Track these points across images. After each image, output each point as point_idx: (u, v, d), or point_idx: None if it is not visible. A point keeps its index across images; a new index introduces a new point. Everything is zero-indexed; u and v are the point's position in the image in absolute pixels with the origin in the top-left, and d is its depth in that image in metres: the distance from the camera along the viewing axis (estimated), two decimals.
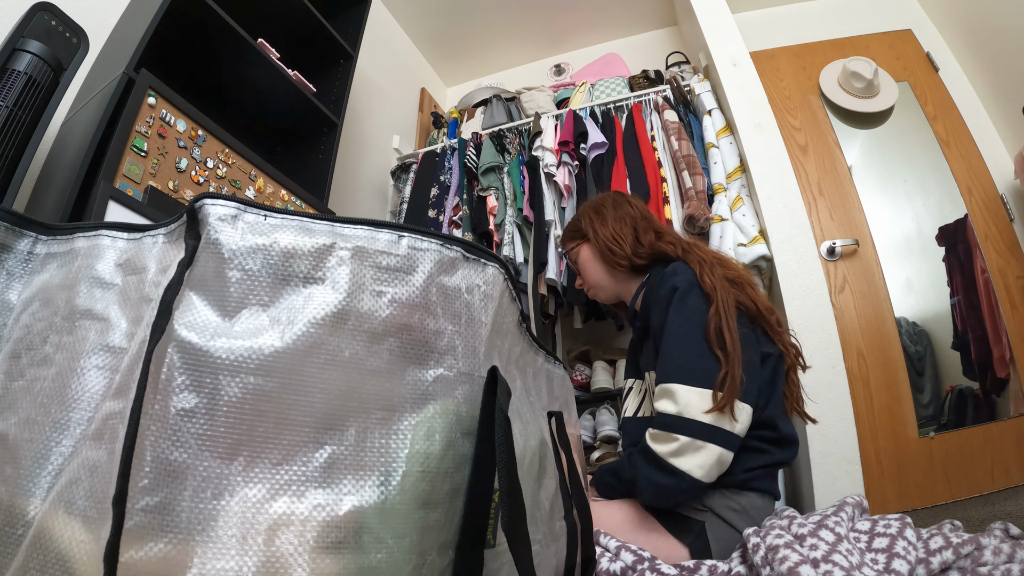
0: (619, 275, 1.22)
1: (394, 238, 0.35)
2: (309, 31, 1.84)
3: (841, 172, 2.21)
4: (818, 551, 0.68)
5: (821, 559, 0.66)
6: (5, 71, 0.97)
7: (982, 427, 1.84)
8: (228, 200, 0.34)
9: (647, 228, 1.21)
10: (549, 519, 0.49)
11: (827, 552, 0.67)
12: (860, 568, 0.65)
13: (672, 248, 1.14)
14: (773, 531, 0.73)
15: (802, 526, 0.75)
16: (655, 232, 1.21)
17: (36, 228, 0.45)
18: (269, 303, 0.33)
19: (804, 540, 0.71)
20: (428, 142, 2.70)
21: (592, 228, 1.24)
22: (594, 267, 1.25)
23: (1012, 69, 2.03)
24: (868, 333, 1.97)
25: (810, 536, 0.71)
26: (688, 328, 0.98)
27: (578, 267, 1.30)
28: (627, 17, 2.88)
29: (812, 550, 0.68)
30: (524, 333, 0.49)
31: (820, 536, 0.71)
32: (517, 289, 0.44)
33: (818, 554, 0.67)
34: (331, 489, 0.32)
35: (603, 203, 1.29)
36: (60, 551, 0.34)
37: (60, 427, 0.37)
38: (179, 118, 1.24)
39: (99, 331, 0.39)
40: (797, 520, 0.77)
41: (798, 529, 0.74)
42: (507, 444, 0.33)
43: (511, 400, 0.41)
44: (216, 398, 0.31)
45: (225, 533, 0.30)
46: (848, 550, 0.68)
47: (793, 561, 0.65)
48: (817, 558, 0.66)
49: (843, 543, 0.70)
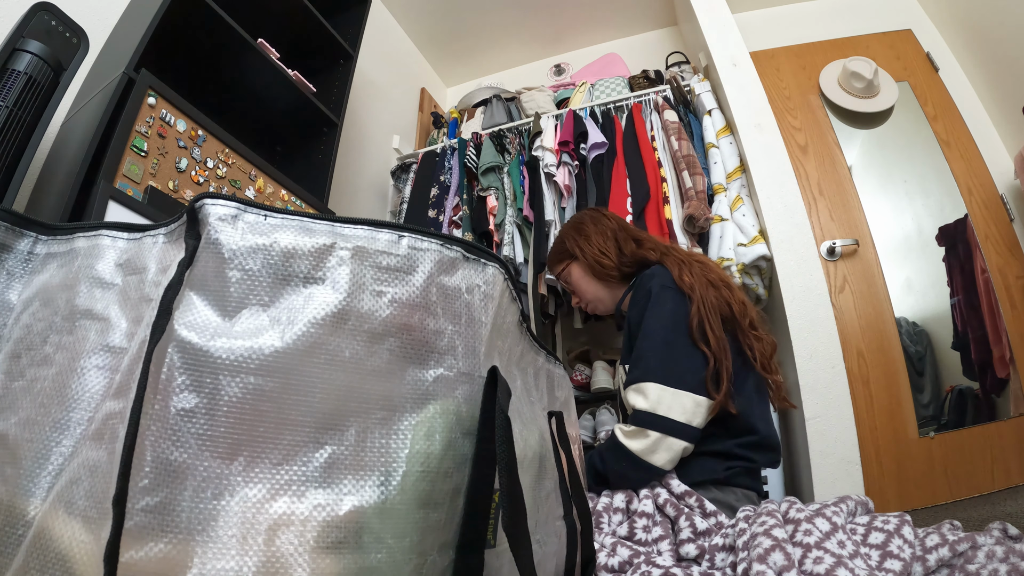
0: (612, 285, 1.28)
1: (394, 238, 0.35)
2: (309, 31, 1.84)
3: (841, 172, 2.21)
4: (812, 536, 0.68)
5: (814, 544, 0.66)
6: (5, 71, 0.97)
7: (982, 427, 1.84)
8: (228, 200, 0.34)
9: (627, 238, 1.27)
10: (549, 519, 0.49)
11: (820, 539, 0.67)
12: (853, 559, 0.65)
13: (652, 253, 1.21)
14: (762, 516, 0.73)
15: (800, 511, 0.75)
16: (635, 240, 1.27)
17: (36, 228, 0.45)
18: (269, 303, 0.33)
19: (799, 525, 0.71)
20: (428, 142, 2.70)
21: (578, 246, 1.30)
22: (588, 283, 1.30)
23: (1012, 69, 2.03)
24: (868, 333, 1.97)
25: (805, 522, 0.71)
26: (662, 328, 1.03)
27: (572, 286, 1.35)
28: (627, 17, 2.88)
29: (806, 535, 0.68)
30: (524, 333, 0.49)
31: (815, 524, 0.71)
32: (517, 289, 0.44)
33: (812, 540, 0.67)
34: (331, 489, 0.32)
35: (582, 221, 1.35)
36: (60, 551, 0.34)
37: (60, 427, 0.37)
38: (179, 118, 1.24)
39: (99, 331, 0.39)
40: (796, 506, 0.77)
41: (795, 514, 0.74)
42: (507, 444, 0.33)
43: (511, 400, 0.41)
44: (216, 398, 0.31)
45: (225, 533, 0.30)
46: (841, 541, 0.68)
47: (765, 547, 0.65)
48: (810, 543, 0.66)
49: (838, 532, 0.70)
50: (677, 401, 0.96)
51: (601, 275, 1.26)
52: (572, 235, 1.33)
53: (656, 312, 1.05)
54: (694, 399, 0.97)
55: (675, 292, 1.07)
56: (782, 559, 0.64)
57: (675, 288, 1.07)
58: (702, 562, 0.77)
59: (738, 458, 1.02)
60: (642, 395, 0.99)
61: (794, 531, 0.70)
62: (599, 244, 1.27)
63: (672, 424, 0.95)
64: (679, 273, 1.09)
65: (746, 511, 0.79)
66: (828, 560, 0.63)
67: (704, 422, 0.98)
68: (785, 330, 1.68)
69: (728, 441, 1.02)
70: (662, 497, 0.92)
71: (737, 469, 1.02)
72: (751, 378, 1.08)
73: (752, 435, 1.03)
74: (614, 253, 1.25)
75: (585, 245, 1.28)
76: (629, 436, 0.98)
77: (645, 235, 1.31)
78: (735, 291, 1.12)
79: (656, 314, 1.05)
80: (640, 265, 1.23)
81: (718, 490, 1.00)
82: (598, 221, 1.32)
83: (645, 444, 0.95)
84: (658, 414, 0.96)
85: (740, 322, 1.08)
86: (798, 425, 1.62)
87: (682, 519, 0.85)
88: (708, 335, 1.00)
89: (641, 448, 0.96)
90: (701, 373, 0.99)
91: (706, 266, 1.16)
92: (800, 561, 0.65)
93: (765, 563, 0.64)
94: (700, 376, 0.98)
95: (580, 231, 1.32)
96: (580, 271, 1.31)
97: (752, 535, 0.71)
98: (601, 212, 1.37)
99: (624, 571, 0.77)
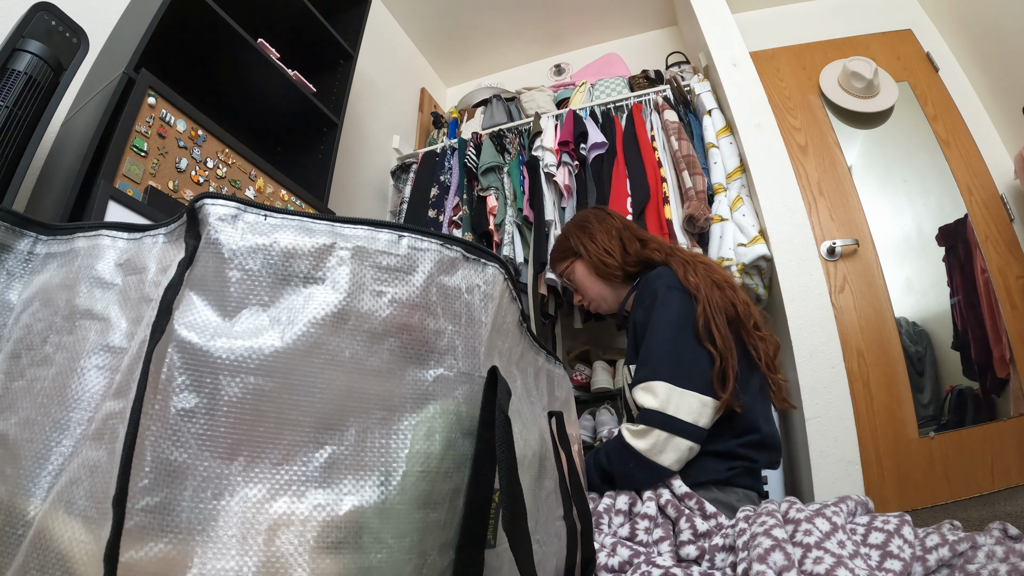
0: (615, 285, 1.27)
1: (394, 238, 0.35)
2: (309, 31, 1.84)
3: (841, 172, 2.21)
4: (812, 536, 0.68)
5: (814, 544, 0.66)
6: (5, 71, 0.96)
7: (982, 427, 1.84)
8: (228, 200, 0.34)
9: (631, 237, 1.26)
10: (549, 519, 0.49)
11: (820, 539, 0.67)
12: (853, 559, 0.65)
13: (657, 254, 1.21)
14: (762, 516, 0.73)
15: (800, 511, 0.75)
16: (639, 240, 1.26)
17: (36, 228, 0.45)
18: (269, 303, 0.33)
19: (799, 525, 0.71)
20: (428, 142, 2.70)
21: (582, 244, 1.28)
22: (592, 282, 1.29)
23: (1012, 69, 2.03)
24: (868, 333, 1.97)
25: (805, 522, 0.71)
26: (670, 328, 1.03)
27: (575, 284, 1.34)
28: (627, 17, 2.88)
29: (806, 535, 0.68)
30: (525, 333, 0.49)
31: (815, 524, 0.71)
32: (517, 289, 0.44)
33: (812, 539, 0.67)
34: (331, 489, 0.32)
35: (586, 219, 1.34)
36: (60, 551, 0.34)
37: (60, 427, 0.37)
38: (179, 118, 1.24)
39: (99, 331, 0.39)
40: (796, 506, 0.77)
41: (796, 514, 0.74)
42: (507, 444, 0.33)
43: (511, 400, 0.41)
44: (216, 398, 0.31)
45: (225, 533, 0.30)
46: (841, 541, 0.68)
47: (765, 547, 0.65)
48: (810, 543, 0.66)
49: (838, 532, 0.70)
50: (684, 401, 0.96)
51: (605, 274, 1.26)
52: (576, 233, 1.32)
53: (663, 313, 1.05)
54: (700, 399, 0.97)
55: (681, 293, 1.07)
56: (782, 559, 0.64)
57: (681, 289, 1.08)
58: (702, 562, 0.77)
59: (740, 458, 1.03)
60: (651, 394, 0.98)
61: (794, 531, 0.70)
62: (604, 243, 1.26)
63: (680, 424, 0.95)
64: (684, 273, 1.10)
65: (746, 511, 0.79)
66: (828, 560, 0.63)
67: (710, 422, 0.98)
68: (785, 330, 1.68)
69: (731, 440, 1.02)
70: (664, 498, 0.92)
71: (739, 469, 1.02)
72: (755, 377, 1.08)
73: (755, 434, 1.03)
74: (619, 252, 1.24)
75: (589, 243, 1.27)
76: (636, 436, 0.97)
77: (649, 235, 1.30)
78: (739, 292, 1.13)
79: (663, 314, 1.05)
80: (644, 265, 1.22)
81: (719, 491, 1.00)
82: (603, 220, 1.32)
83: (652, 443, 0.95)
84: (667, 413, 0.96)
85: (745, 322, 1.08)
86: (798, 425, 1.62)
87: (683, 520, 0.86)
88: (714, 334, 1.01)
89: (648, 447, 0.96)
90: (708, 373, 0.99)
91: (710, 267, 1.16)
92: (800, 561, 0.65)
93: (765, 563, 0.64)
94: (707, 376, 0.99)
95: (584, 229, 1.31)
96: (584, 269, 1.30)
97: (752, 535, 0.71)
98: (605, 211, 1.36)
99: (624, 571, 0.77)
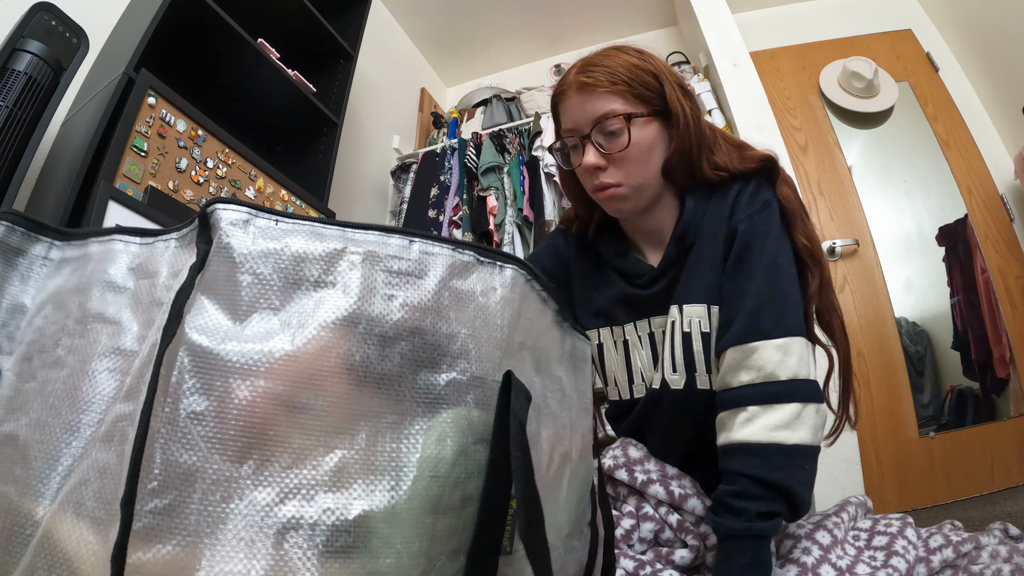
0: (667, 187, 0.86)
1: (405, 243, 0.35)
2: (309, 31, 1.84)
3: (841, 172, 2.21)
4: (811, 556, 0.68)
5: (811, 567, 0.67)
6: (5, 71, 0.96)
7: (982, 427, 1.85)
8: (240, 205, 0.34)
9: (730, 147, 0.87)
10: (580, 523, 0.48)
11: (819, 559, 0.68)
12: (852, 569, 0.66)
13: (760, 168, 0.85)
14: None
15: (800, 527, 0.75)
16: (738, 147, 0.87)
17: (51, 234, 0.45)
18: (280, 307, 0.33)
19: (799, 542, 0.71)
20: (428, 142, 2.70)
21: (682, 105, 0.81)
22: (656, 158, 0.83)
23: (1012, 69, 2.04)
24: (868, 333, 1.97)
25: (806, 539, 0.72)
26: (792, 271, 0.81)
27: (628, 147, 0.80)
28: (627, 17, 2.88)
29: (805, 554, 0.68)
30: (568, 330, 0.48)
31: (816, 539, 0.71)
32: (547, 287, 0.43)
33: (810, 559, 0.67)
34: (341, 493, 0.32)
35: (681, 81, 0.86)
36: (68, 552, 0.34)
37: (70, 429, 0.37)
38: (179, 118, 1.24)
39: (110, 334, 0.39)
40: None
41: (795, 530, 0.74)
42: (523, 450, 0.33)
43: (541, 402, 0.40)
44: (226, 401, 0.31)
45: (234, 536, 0.30)
46: (839, 555, 0.69)
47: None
48: (809, 563, 0.67)
49: (837, 547, 0.70)
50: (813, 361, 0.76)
51: (678, 163, 0.82)
52: (674, 84, 0.83)
53: (785, 250, 0.81)
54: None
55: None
56: None
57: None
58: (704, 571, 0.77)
59: None
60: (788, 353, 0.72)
61: (792, 548, 0.71)
62: (707, 126, 0.86)
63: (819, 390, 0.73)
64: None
65: None
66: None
67: None
68: None
69: None
70: (669, 512, 0.89)
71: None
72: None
73: None
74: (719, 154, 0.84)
75: (694, 109, 0.83)
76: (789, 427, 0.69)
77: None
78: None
79: (786, 252, 0.81)
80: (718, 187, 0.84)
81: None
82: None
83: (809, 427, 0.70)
84: (811, 379, 0.73)
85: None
86: None
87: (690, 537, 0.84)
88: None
89: (807, 436, 0.69)
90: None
91: None
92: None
93: None
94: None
95: (686, 90, 0.84)
96: (659, 134, 0.82)
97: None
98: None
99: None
